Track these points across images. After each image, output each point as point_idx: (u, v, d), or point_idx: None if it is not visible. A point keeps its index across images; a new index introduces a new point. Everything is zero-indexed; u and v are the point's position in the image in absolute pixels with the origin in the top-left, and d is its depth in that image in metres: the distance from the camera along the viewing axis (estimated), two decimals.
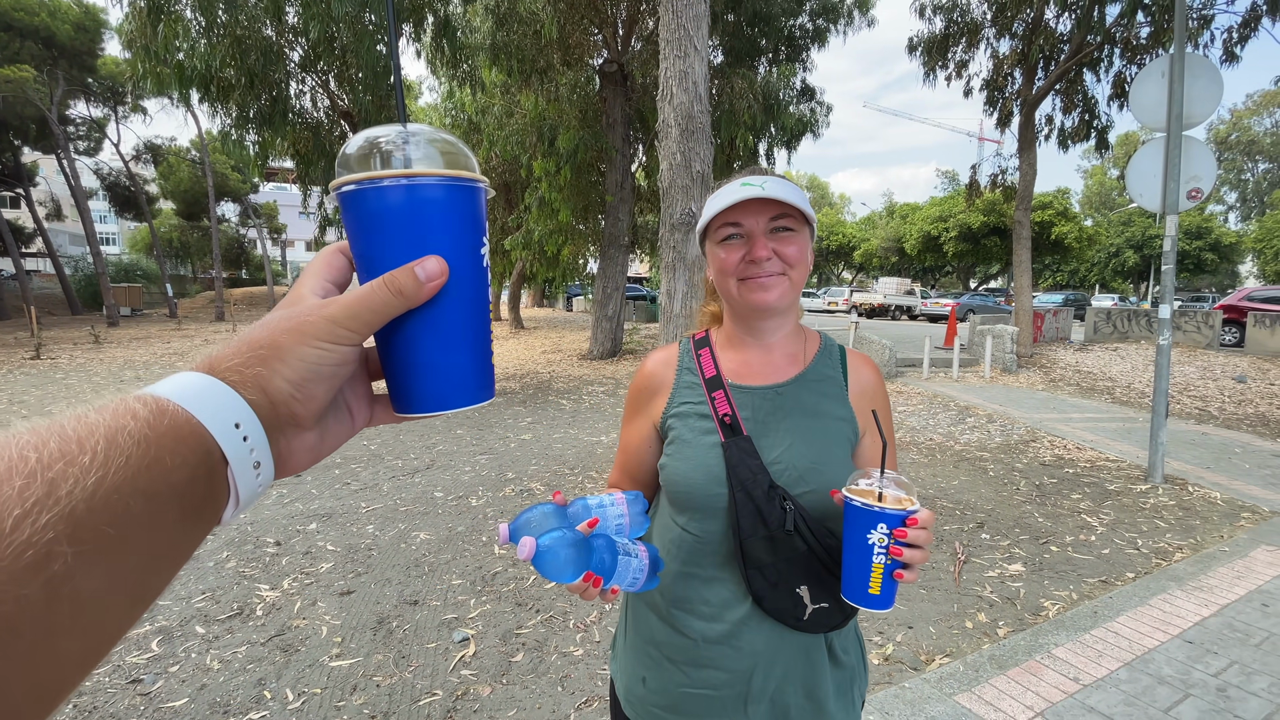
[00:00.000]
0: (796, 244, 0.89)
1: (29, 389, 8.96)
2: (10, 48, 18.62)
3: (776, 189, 0.85)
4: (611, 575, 0.74)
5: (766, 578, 0.84)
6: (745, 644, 0.87)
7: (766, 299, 0.88)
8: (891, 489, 0.74)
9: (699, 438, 0.90)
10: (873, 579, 0.71)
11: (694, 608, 0.89)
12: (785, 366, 0.95)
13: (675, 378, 0.97)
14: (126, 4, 6.16)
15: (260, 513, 4.14)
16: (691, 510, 0.90)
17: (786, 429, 0.90)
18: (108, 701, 2.21)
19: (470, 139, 13.52)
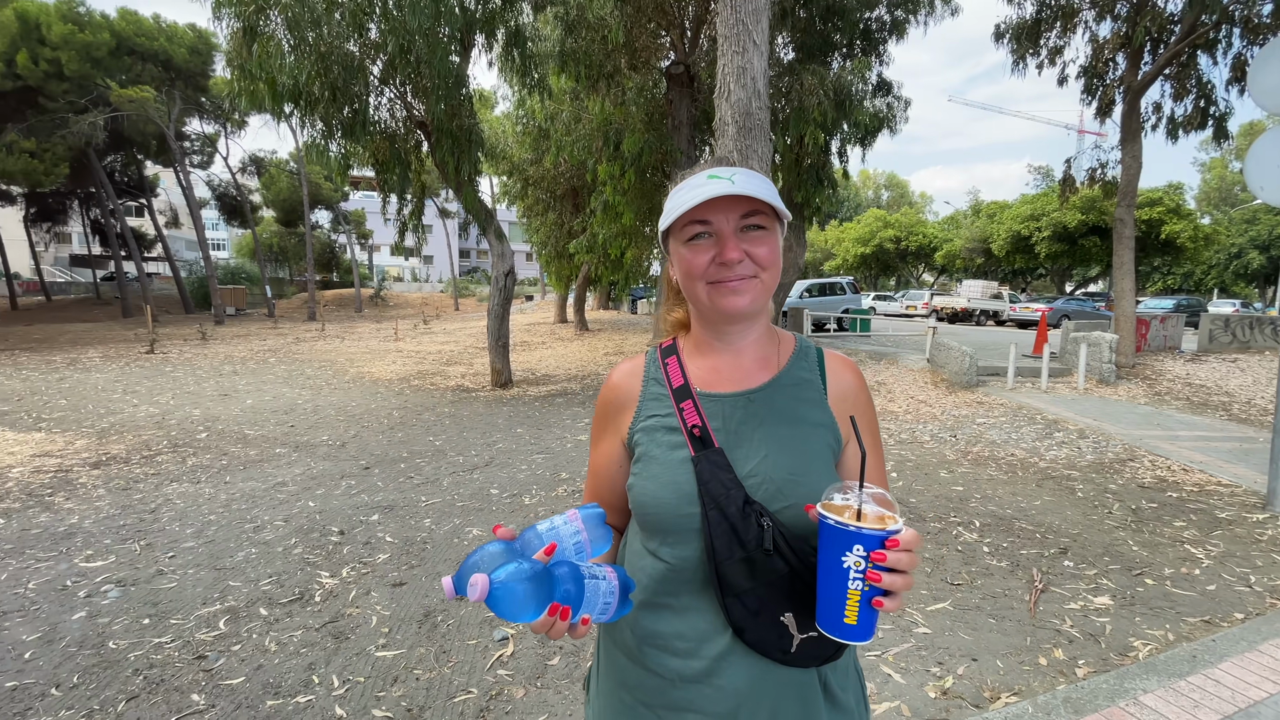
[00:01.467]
0: (768, 244, 0.81)
1: (141, 380, 9.89)
2: (133, 70, 20.70)
3: (747, 183, 0.77)
4: (580, 604, 0.66)
5: (746, 606, 0.75)
6: (727, 682, 0.77)
7: (738, 304, 0.80)
8: (871, 505, 0.64)
9: (667, 453, 0.81)
10: (848, 607, 0.62)
11: (668, 643, 0.80)
12: (757, 371, 0.87)
13: (642, 389, 0.89)
14: (226, 27, 6.71)
15: (329, 502, 4.35)
16: (663, 534, 0.81)
17: (761, 438, 0.81)
18: (174, 675, 2.36)
19: (539, 145, 13.85)
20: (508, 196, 17.02)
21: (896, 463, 5.24)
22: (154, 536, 3.73)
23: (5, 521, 3.94)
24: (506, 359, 9.39)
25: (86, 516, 4.05)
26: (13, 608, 2.85)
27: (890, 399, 8.10)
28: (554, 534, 0.71)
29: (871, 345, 14.03)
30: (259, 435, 6.34)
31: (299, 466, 5.22)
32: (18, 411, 7.40)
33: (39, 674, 2.35)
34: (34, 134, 19.86)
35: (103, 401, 8.08)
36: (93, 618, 2.78)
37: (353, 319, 27.31)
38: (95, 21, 20.69)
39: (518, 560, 0.64)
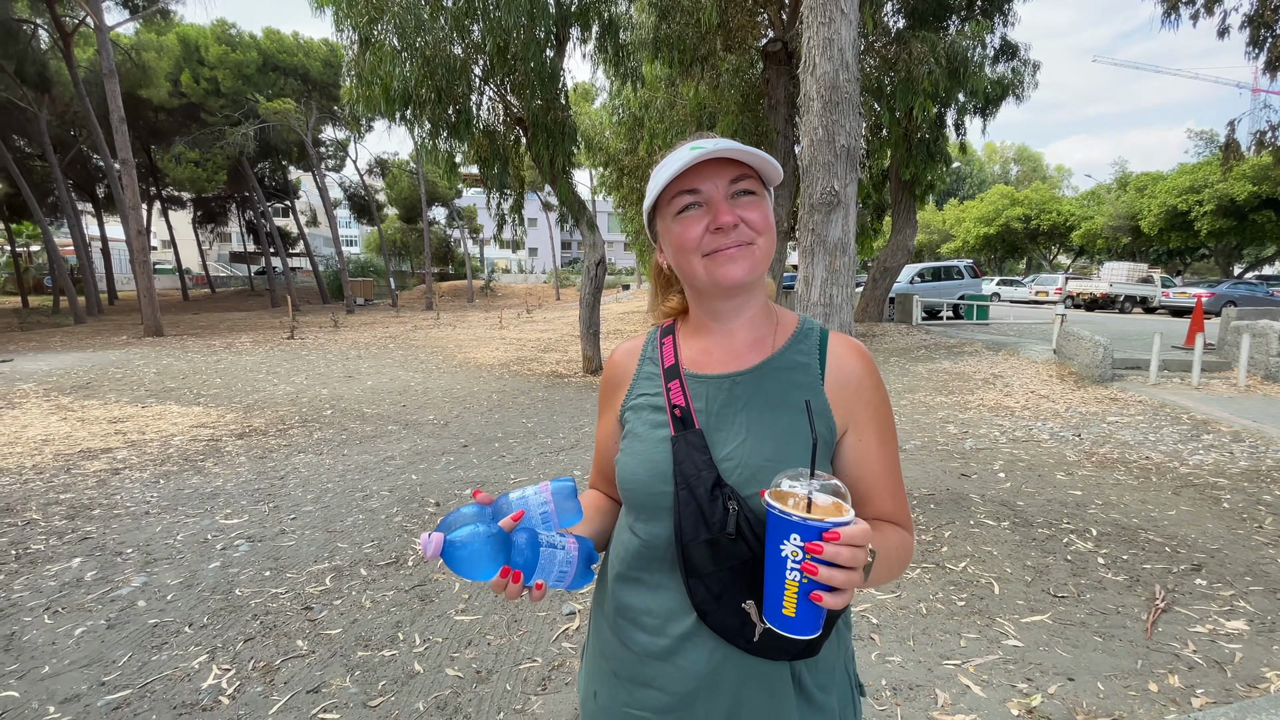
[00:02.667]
0: (760, 209, 0.77)
1: (281, 362, 11.14)
2: (277, 85, 23.11)
3: (732, 146, 0.74)
4: (533, 569, 0.69)
5: (709, 589, 0.73)
6: (688, 663, 0.76)
7: (736, 273, 0.77)
8: (822, 495, 0.60)
9: (650, 431, 0.82)
10: (786, 597, 0.60)
11: (637, 618, 0.80)
12: (747, 353, 0.83)
13: (637, 368, 0.90)
14: (347, 38, 7.32)
15: (430, 476, 4.69)
16: (638, 509, 0.81)
17: (742, 422, 0.78)
18: (285, 622, 2.65)
19: (634, 134, 13.94)
20: (604, 187, 17.30)
21: (1006, 462, 4.81)
22: (281, 500, 4.20)
23: (165, 481, 4.61)
24: (597, 346, 9.61)
25: (229, 480, 4.63)
26: (162, 555, 3.34)
27: (1006, 393, 7.44)
28: (523, 502, 0.74)
29: (989, 334, 12.93)
30: (375, 413, 6.94)
31: (407, 443, 5.66)
32: (183, 389, 8.58)
33: (176, 613, 2.73)
34: (197, 145, 22.77)
35: (250, 381, 9.19)
36: (225, 568, 3.18)
37: (465, 308, 29.07)
38: (245, 42, 23.30)
39: (477, 524, 0.68)
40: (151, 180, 26.79)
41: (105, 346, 13.54)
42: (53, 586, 2.97)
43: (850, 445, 0.79)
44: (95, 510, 4.01)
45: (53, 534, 3.62)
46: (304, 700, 2.14)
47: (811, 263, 3.95)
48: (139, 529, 3.70)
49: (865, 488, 0.79)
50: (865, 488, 0.79)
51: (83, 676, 2.27)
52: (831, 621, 0.73)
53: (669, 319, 0.93)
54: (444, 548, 0.67)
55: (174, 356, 11.92)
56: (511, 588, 0.69)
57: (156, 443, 5.71)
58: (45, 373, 9.87)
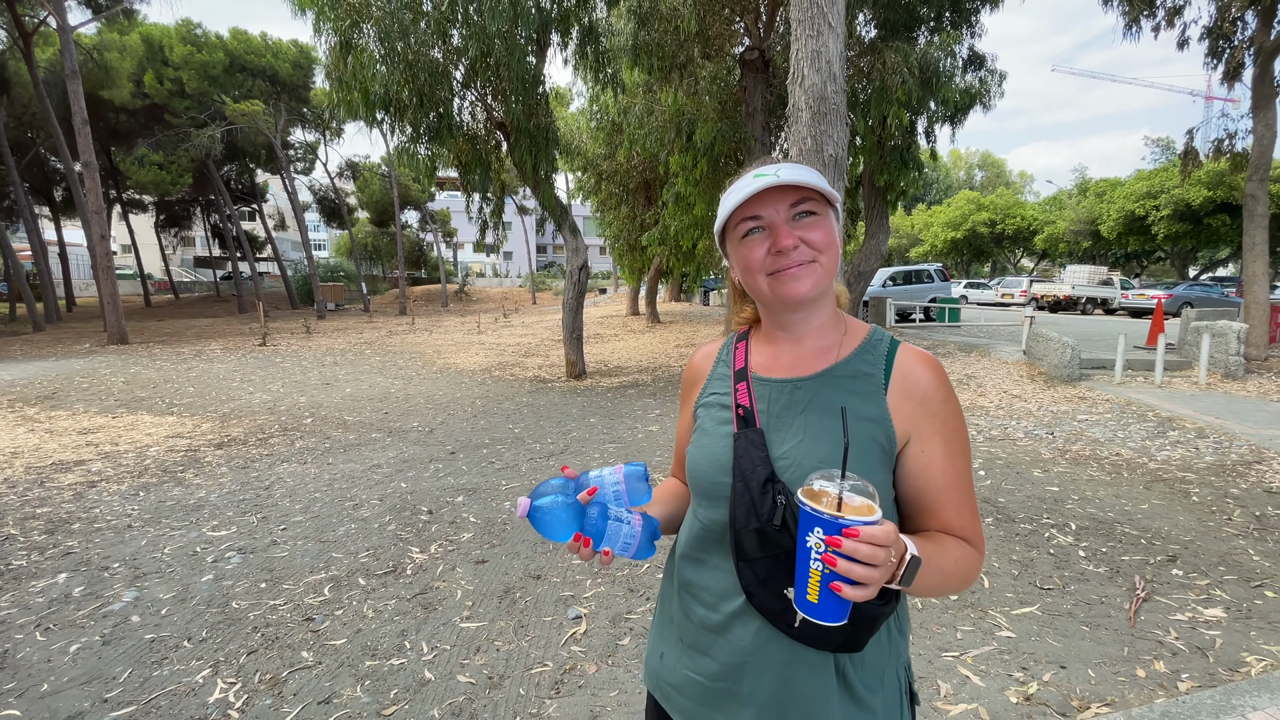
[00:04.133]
0: (822, 228, 0.84)
1: (255, 369, 10.88)
2: (244, 86, 22.61)
3: (792, 174, 0.81)
4: (601, 538, 0.81)
5: (755, 573, 0.79)
6: (736, 638, 0.83)
7: (799, 290, 0.83)
8: (852, 495, 0.67)
9: (716, 427, 0.90)
10: (810, 585, 0.66)
11: (697, 594, 0.89)
12: (814, 360, 0.89)
13: (712, 369, 0.98)
14: (325, 41, 7.23)
15: (419, 484, 4.65)
16: (700, 496, 0.90)
17: (800, 425, 0.84)
18: (287, 633, 2.62)
19: (612, 140, 13.99)
20: (582, 192, 17.32)
21: (984, 460, 4.97)
22: (268, 510, 4.13)
23: (145, 494, 4.49)
24: (580, 351, 9.62)
25: (212, 491, 4.53)
26: (151, 569, 3.26)
27: (980, 393, 7.67)
28: (599, 480, 0.85)
29: (961, 336, 13.29)
30: (357, 421, 6.84)
31: (392, 450, 5.60)
32: (154, 398, 8.34)
33: (173, 628, 2.68)
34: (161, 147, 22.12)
35: (224, 389, 8.97)
36: (218, 580, 3.13)
37: (439, 313, 28.73)
38: (210, 42, 22.72)
39: (558, 494, 0.81)
40: (112, 183, 25.92)
41: (68, 355, 13.07)
42: (41, 603, 2.89)
43: (913, 456, 0.82)
44: (75, 524, 3.89)
45: (33, 549, 3.51)
46: (316, 711, 2.12)
47: None
48: (123, 542, 3.60)
49: (928, 500, 0.82)
50: (928, 500, 0.82)
51: (83, 694, 2.22)
52: (872, 621, 0.76)
53: (745, 326, 1.00)
54: (530, 511, 0.80)
55: (142, 364, 11.56)
56: (584, 551, 0.80)
57: (131, 454, 5.55)
58: (8, 383, 9.49)
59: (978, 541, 0.83)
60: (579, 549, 0.81)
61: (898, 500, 0.86)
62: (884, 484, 0.82)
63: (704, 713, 0.86)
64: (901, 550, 0.70)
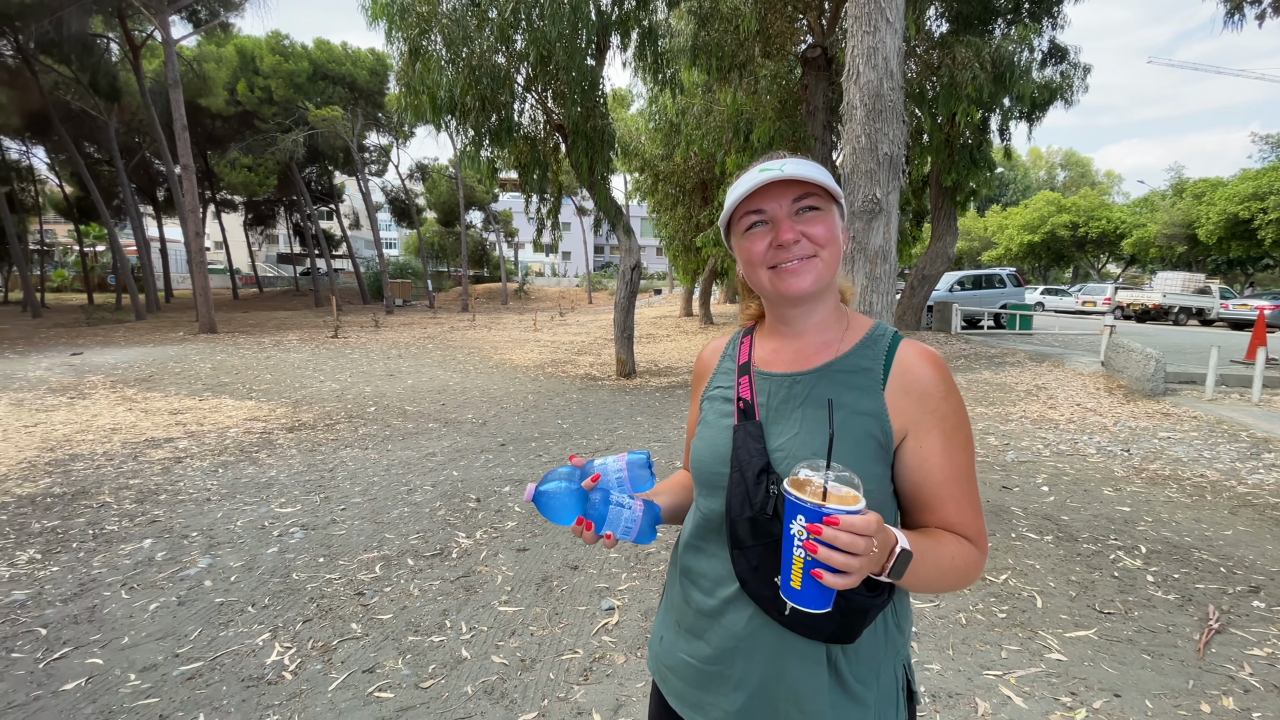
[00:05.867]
0: (824, 223, 0.84)
1: (327, 359, 11.53)
2: (325, 93, 23.94)
3: (796, 169, 0.82)
4: (603, 522, 0.85)
5: (748, 560, 0.81)
6: (729, 623, 0.85)
7: (800, 285, 0.84)
8: (837, 486, 0.67)
9: (718, 420, 0.92)
10: (794, 571, 0.68)
11: (696, 580, 0.92)
12: (813, 355, 0.89)
13: (718, 364, 1.01)
14: (396, 49, 7.60)
15: (470, 473, 4.82)
16: (701, 486, 0.92)
17: (798, 418, 0.85)
18: (339, 606, 2.79)
19: (670, 140, 14.02)
20: (639, 192, 17.42)
21: (1050, 475, 4.71)
22: (330, 491, 4.38)
23: (223, 470, 4.85)
24: (631, 350, 9.69)
25: (282, 471, 4.85)
26: (224, 540, 3.53)
27: (1051, 405, 7.26)
28: (603, 467, 0.89)
29: (1033, 345, 12.60)
30: (416, 411, 7.15)
31: (447, 440, 5.82)
32: (236, 383, 8.97)
33: (240, 594, 2.90)
34: (250, 151, 23.72)
35: (298, 377, 9.55)
36: (282, 553, 3.35)
37: (499, 310, 29.54)
38: (296, 52, 24.18)
39: (563, 480, 0.86)
40: (207, 184, 27.99)
41: (164, 342, 14.22)
42: (127, 565, 3.18)
43: (910, 451, 0.82)
44: (161, 495, 4.25)
45: (124, 516, 3.86)
46: (360, 679, 2.25)
47: (851, 270, 3.96)
48: (202, 514, 3.91)
49: (926, 495, 0.82)
50: (926, 495, 0.82)
51: (158, 648, 2.43)
52: (863, 613, 0.75)
53: (752, 321, 1.02)
54: (535, 496, 0.85)
55: (227, 352, 12.45)
56: (586, 534, 0.85)
57: (214, 434, 6.00)
58: (112, 366, 10.43)
59: (979, 540, 0.82)
60: (582, 532, 0.85)
61: (898, 496, 0.85)
62: (879, 478, 0.81)
63: (696, 695, 0.88)
64: (890, 542, 0.70)
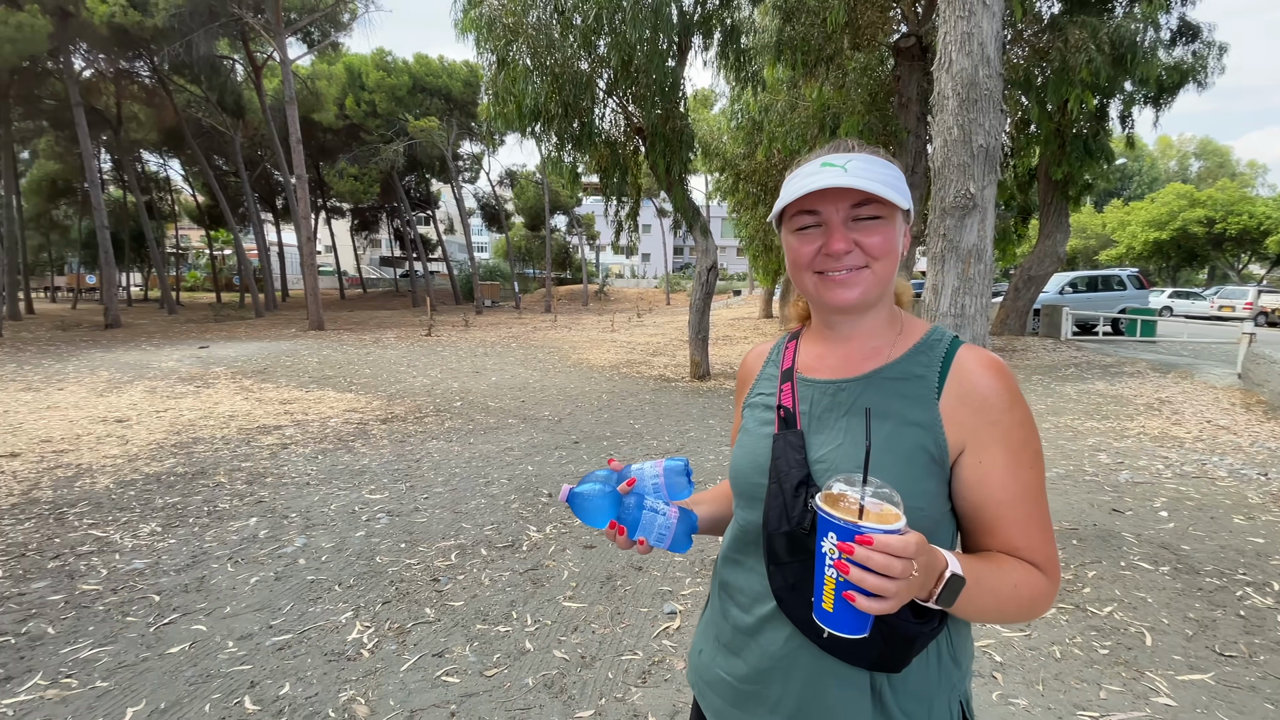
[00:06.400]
0: (883, 233, 0.77)
1: (420, 356, 12.21)
2: (423, 105, 25.39)
3: (861, 171, 0.75)
4: (636, 527, 0.83)
5: (785, 577, 0.76)
6: (766, 642, 0.80)
7: (846, 297, 0.79)
8: (874, 502, 0.62)
9: (759, 428, 0.88)
10: (825, 592, 0.63)
11: (734, 594, 0.88)
12: (861, 361, 0.83)
13: (761, 369, 0.96)
14: (485, 60, 7.94)
15: (544, 468, 4.95)
16: (739, 497, 0.88)
17: (841, 428, 0.80)
18: (416, 590, 2.93)
19: (752, 139, 13.79)
20: (719, 192, 17.27)
21: (1170, 499, 4.23)
22: (415, 480, 4.63)
23: (322, 457, 5.24)
24: (705, 352, 9.61)
25: (373, 460, 5.18)
26: (319, 522, 3.81)
27: (1175, 421, 6.52)
28: (639, 472, 0.88)
29: (1157, 354, 11.39)
30: (497, 407, 7.43)
31: (524, 436, 6.01)
32: (338, 377, 9.68)
33: (329, 573, 3.11)
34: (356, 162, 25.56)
35: (393, 372, 10.18)
36: (369, 537, 3.57)
37: (579, 311, 30.20)
38: (398, 67, 25.81)
39: (599, 483, 0.85)
40: (319, 193, 30.44)
41: (278, 338, 15.59)
42: (234, 540, 3.50)
43: (968, 466, 0.75)
44: (268, 478, 4.65)
45: (235, 496, 4.25)
46: (430, 662, 2.36)
47: (941, 270, 3.72)
48: (301, 497, 4.24)
49: (987, 515, 0.75)
50: (987, 515, 0.75)
51: (255, 619, 2.66)
52: (908, 640, 0.70)
53: (799, 323, 0.97)
54: (570, 496, 0.85)
55: (332, 348, 13.47)
56: (619, 539, 0.84)
57: (316, 423, 6.50)
58: (232, 359, 11.56)
59: (1048, 567, 0.74)
60: (615, 536, 0.84)
61: (956, 516, 0.79)
62: (932, 495, 0.75)
63: (733, 713, 0.85)
64: (939, 566, 0.65)
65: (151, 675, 2.27)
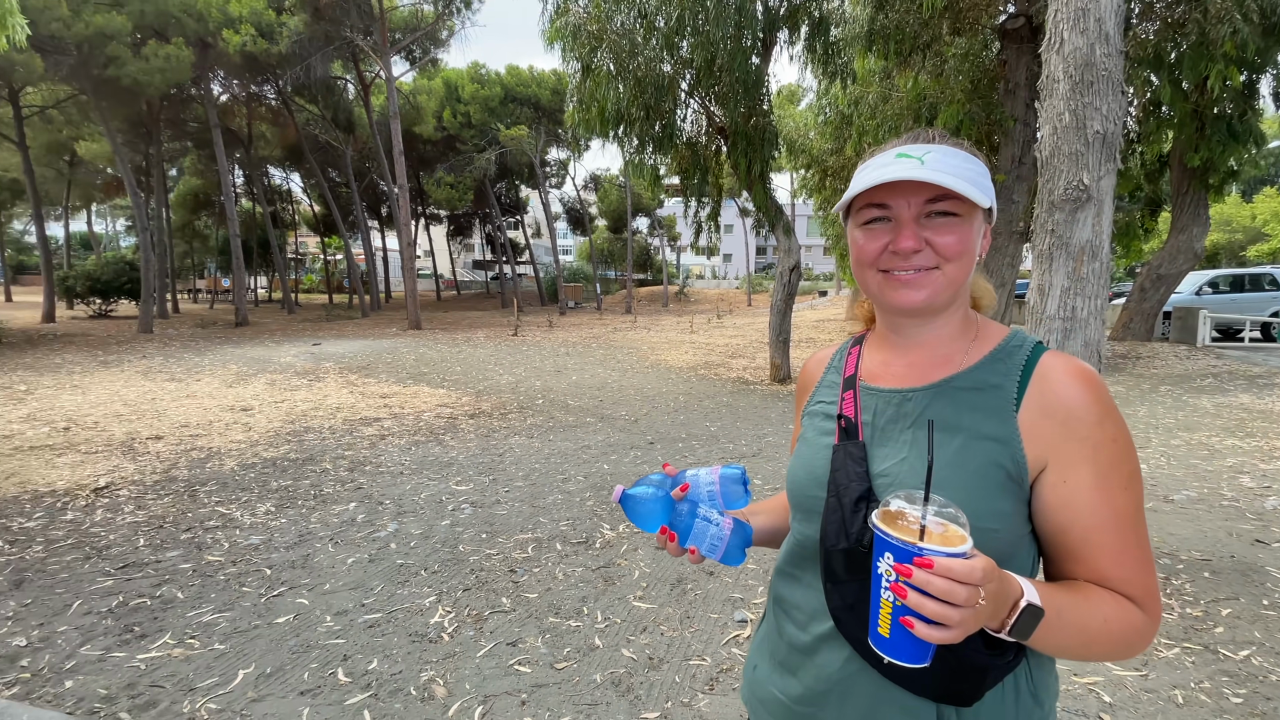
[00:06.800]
0: (958, 232, 0.71)
1: (506, 355, 12.71)
2: (514, 114, 26.38)
3: (940, 164, 0.69)
4: (688, 535, 0.81)
5: (843, 597, 0.72)
6: (823, 663, 0.76)
7: (912, 299, 0.73)
8: (936, 521, 0.56)
9: (817, 438, 0.83)
10: (881, 616, 0.58)
11: (789, 611, 0.83)
12: (929, 369, 0.77)
13: (822, 376, 0.91)
14: (571, 67, 8.14)
15: (619, 467, 5.01)
16: (796, 509, 0.84)
17: (907, 440, 0.74)
18: (493, 579, 3.05)
19: (840, 133, 13.31)
20: (805, 189, 16.79)
21: None
22: (498, 474, 4.82)
23: (415, 449, 5.56)
24: (786, 355, 9.37)
25: (461, 453, 5.43)
26: (410, 509, 4.04)
27: None
28: (694, 479, 0.85)
29: None
30: (577, 405, 7.59)
31: (601, 435, 6.10)
32: (432, 373, 10.25)
33: (416, 558, 3.29)
34: (452, 170, 26.95)
35: (481, 370, 10.65)
36: (453, 526, 3.75)
37: (659, 313, 30.32)
38: (491, 79, 26.99)
39: (652, 487, 0.83)
40: (418, 201, 32.38)
41: (381, 336, 16.72)
42: (336, 523, 3.78)
43: (1050, 486, 0.68)
44: (367, 466, 4.99)
45: (338, 482, 4.60)
46: (504, 651, 2.44)
47: (1049, 269, 3.43)
48: (395, 485, 4.52)
49: (1073, 540, 0.68)
50: (1073, 540, 0.68)
51: (350, 597, 2.86)
52: (979, 672, 0.65)
53: (865, 327, 0.92)
54: (622, 498, 0.84)
55: (428, 347, 14.29)
56: (670, 545, 0.81)
57: (411, 416, 6.91)
58: (340, 355, 12.52)
59: (1147, 601, 0.66)
60: (666, 543, 0.82)
61: (1039, 540, 0.71)
62: (1008, 515, 0.68)
63: None
64: (1013, 594, 0.59)
65: (261, 641, 2.49)
